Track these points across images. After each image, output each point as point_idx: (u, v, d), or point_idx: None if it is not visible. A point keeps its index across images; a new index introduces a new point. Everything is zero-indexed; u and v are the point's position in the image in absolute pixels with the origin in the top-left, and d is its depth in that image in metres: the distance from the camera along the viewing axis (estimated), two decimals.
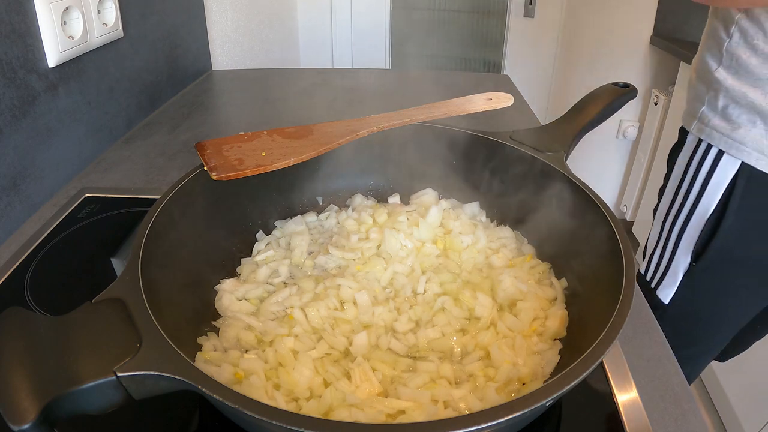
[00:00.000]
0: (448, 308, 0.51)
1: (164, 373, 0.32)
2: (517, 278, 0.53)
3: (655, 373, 0.49)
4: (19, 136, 0.67)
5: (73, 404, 0.31)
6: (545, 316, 0.50)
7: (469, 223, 0.61)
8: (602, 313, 0.39)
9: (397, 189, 0.67)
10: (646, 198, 2.19)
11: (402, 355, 0.47)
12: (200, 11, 1.21)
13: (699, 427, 0.44)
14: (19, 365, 0.31)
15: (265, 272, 0.56)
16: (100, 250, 0.64)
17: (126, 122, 0.94)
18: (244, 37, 1.54)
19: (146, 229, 0.44)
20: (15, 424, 0.28)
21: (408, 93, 1.18)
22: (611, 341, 0.35)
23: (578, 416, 0.44)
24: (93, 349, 0.33)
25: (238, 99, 1.16)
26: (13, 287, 0.57)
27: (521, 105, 1.08)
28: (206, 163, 0.51)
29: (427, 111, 0.59)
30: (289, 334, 0.47)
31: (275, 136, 0.55)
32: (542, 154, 0.58)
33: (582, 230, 0.51)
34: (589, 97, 0.67)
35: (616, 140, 2.29)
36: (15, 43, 0.65)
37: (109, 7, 0.83)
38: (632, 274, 0.41)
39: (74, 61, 0.77)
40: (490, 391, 0.42)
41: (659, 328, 0.55)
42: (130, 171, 0.82)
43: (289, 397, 0.42)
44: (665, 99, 2.03)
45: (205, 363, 0.44)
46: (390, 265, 0.55)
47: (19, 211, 0.69)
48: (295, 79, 1.28)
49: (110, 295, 0.37)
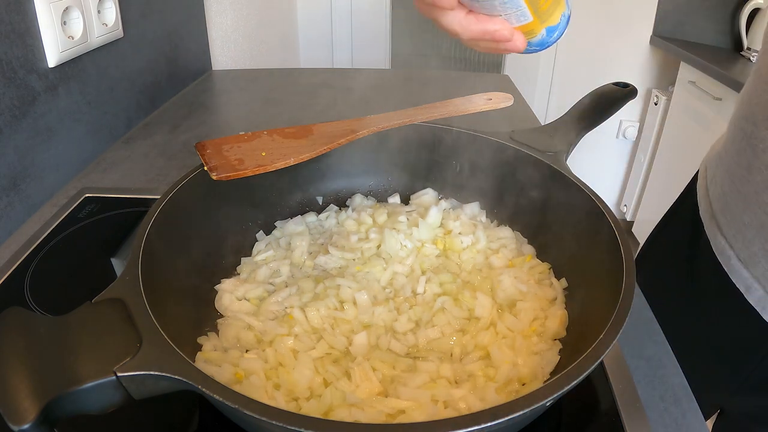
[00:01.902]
0: (448, 308, 0.51)
1: (164, 373, 0.32)
2: (516, 278, 0.53)
3: (655, 373, 0.49)
4: (19, 136, 0.67)
5: (73, 404, 0.31)
6: (545, 317, 0.50)
7: (469, 223, 0.61)
8: (602, 313, 0.39)
9: (397, 189, 0.67)
10: (646, 198, 2.19)
11: (402, 355, 0.47)
12: (200, 11, 1.21)
13: (699, 427, 0.44)
14: (19, 365, 0.31)
15: (265, 272, 0.56)
16: (100, 250, 0.64)
17: (126, 122, 0.94)
18: (244, 37, 1.54)
19: (146, 229, 0.44)
20: (15, 424, 0.28)
21: (408, 93, 1.18)
22: (611, 341, 0.35)
23: (578, 416, 0.44)
24: (93, 349, 0.33)
25: (238, 99, 1.16)
26: (13, 287, 0.57)
27: (521, 105, 1.08)
28: (206, 163, 0.51)
29: (427, 111, 0.59)
30: (289, 333, 0.47)
31: (275, 136, 0.55)
32: (542, 154, 0.58)
33: (582, 230, 0.51)
34: (589, 97, 0.67)
35: (616, 140, 2.29)
36: (15, 43, 0.65)
37: (109, 7, 0.83)
38: (632, 275, 0.41)
39: (74, 61, 0.77)
40: (490, 391, 0.42)
41: (659, 328, 0.55)
42: (130, 171, 0.82)
43: (289, 396, 0.42)
44: (665, 99, 2.03)
45: (205, 363, 0.44)
46: (390, 266, 0.55)
47: (19, 211, 0.69)
48: (295, 79, 1.28)
49: (110, 295, 0.37)
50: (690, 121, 1.86)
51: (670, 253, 0.73)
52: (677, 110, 1.95)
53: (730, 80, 1.58)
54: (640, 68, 2.13)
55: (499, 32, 0.35)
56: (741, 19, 1.80)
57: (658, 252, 0.77)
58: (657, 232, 0.79)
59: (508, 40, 0.36)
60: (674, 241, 0.73)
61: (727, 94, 1.63)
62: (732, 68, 1.70)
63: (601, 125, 0.67)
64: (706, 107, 1.76)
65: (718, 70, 1.64)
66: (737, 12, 1.84)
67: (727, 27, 1.91)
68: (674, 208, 0.76)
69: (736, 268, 0.56)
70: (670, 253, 0.73)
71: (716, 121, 1.70)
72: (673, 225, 0.75)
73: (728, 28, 1.90)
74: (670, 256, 0.73)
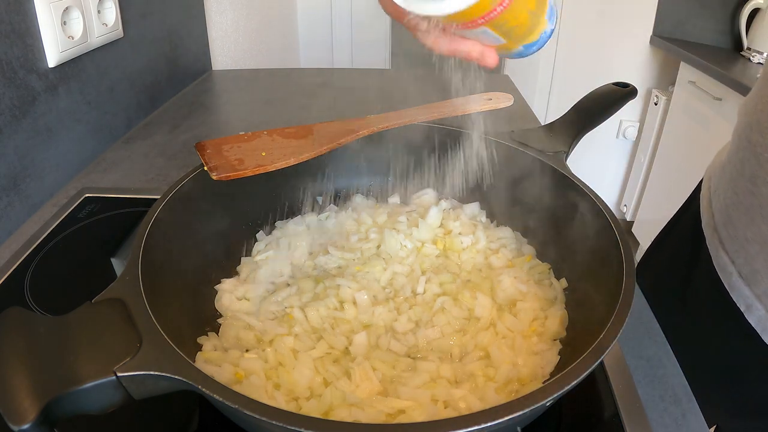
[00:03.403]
0: (448, 308, 0.51)
1: (164, 373, 0.32)
2: (516, 278, 0.53)
3: (655, 373, 0.49)
4: (19, 136, 0.67)
5: (73, 404, 0.31)
6: (545, 317, 0.50)
7: (468, 223, 0.61)
8: (602, 313, 0.39)
9: (397, 189, 0.67)
10: (646, 198, 2.19)
11: (402, 355, 0.47)
12: (200, 11, 1.21)
13: (699, 427, 0.44)
14: (19, 365, 0.31)
15: (265, 272, 0.56)
16: (100, 250, 0.64)
17: (126, 122, 0.94)
18: (244, 37, 1.54)
19: (146, 229, 0.44)
20: (15, 424, 0.28)
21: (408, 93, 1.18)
22: (611, 341, 0.35)
23: (578, 416, 0.44)
24: (93, 349, 0.33)
25: (238, 99, 1.16)
26: (13, 287, 0.57)
27: (521, 105, 1.08)
28: (206, 163, 0.51)
29: (427, 111, 0.59)
30: (289, 333, 0.47)
31: (275, 136, 0.55)
32: (542, 154, 0.58)
33: (582, 230, 0.51)
34: (589, 97, 0.67)
35: (616, 140, 2.29)
36: (15, 43, 0.65)
37: (109, 7, 0.83)
38: (632, 274, 0.41)
39: (74, 61, 0.77)
40: (489, 391, 0.42)
41: (659, 328, 0.55)
42: (130, 171, 0.82)
43: (289, 396, 0.42)
44: (665, 99, 2.03)
45: (205, 363, 0.44)
46: (390, 266, 0.55)
47: (19, 211, 0.69)
48: (295, 79, 1.28)
49: (110, 295, 0.37)
50: (690, 121, 1.86)
51: (669, 267, 0.71)
52: (677, 110, 1.95)
53: (730, 80, 1.58)
54: (640, 68, 2.13)
55: (469, 53, 0.36)
56: (741, 19, 1.80)
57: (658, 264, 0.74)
58: (657, 243, 0.76)
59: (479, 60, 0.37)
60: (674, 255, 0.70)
61: (727, 94, 1.63)
62: (732, 68, 1.70)
63: (601, 125, 0.67)
64: (706, 107, 1.76)
65: (718, 70, 1.64)
66: (737, 12, 1.84)
67: (727, 27, 1.90)
68: (676, 219, 0.73)
69: (737, 286, 0.53)
70: (670, 266, 0.71)
71: (716, 121, 1.70)
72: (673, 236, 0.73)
73: (728, 28, 1.90)
74: (669, 269, 0.71)
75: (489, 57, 0.37)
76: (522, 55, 0.39)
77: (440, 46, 0.37)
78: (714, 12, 1.91)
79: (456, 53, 0.37)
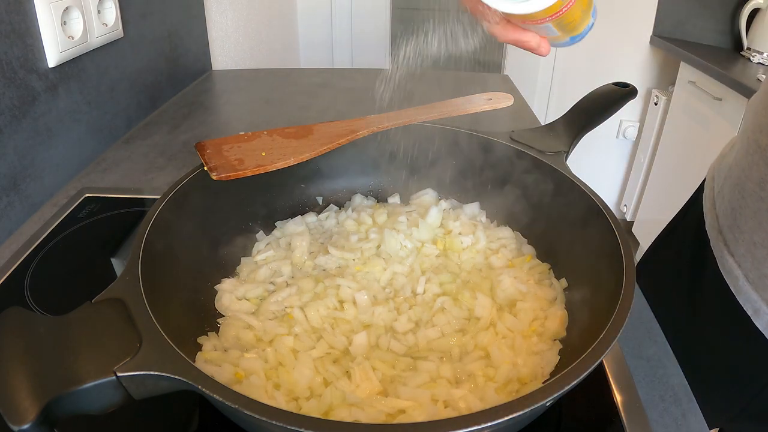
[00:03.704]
0: (448, 308, 0.51)
1: (164, 373, 0.32)
2: (516, 278, 0.53)
3: (655, 373, 0.49)
4: (19, 136, 0.67)
5: (73, 404, 0.31)
6: (545, 317, 0.50)
7: (468, 223, 0.61)
8: (602, 313, 0.39)
9: (397, 189, 0.67)
10: (646, 198, 2.19)
11: (402, 354, 0.47)
12: (200, 11, 1.21)
13: (699, 427, 0.44)
14: (19, 365, 0.31)
15: (265, 272, 0.56)
16: (100, 250, 0.64)
17: (126, 122, 0.94)
18: (244, 37, 1.54)
19: (146, 229, 0.44)
20: (15, 424, 0.28)
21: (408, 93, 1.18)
22: (611, 341, 0.35)
23: (578, 416, 0.44)
24: (93, 349, 0.33)
25: (238, 99, 1.16)
26: (13, 287, 0.57)
27: (521, 105, 1.08)
28: (206, 163, 0.51)
29: (427, 111, 0.59)
30: (289, 333, 0.47)
31: (275, 136, 0.55)
32: (542, 154, 0.58)
33: (582, 230, 0.51)
34: (589, 97, 0.67)
35: (616, 140, 2.29)
36: (15, 43, 0.65)
37: (109, 7, 0.83)
38: (632, 274, 0.41)
39: (74, 61, 0.77)
40: (490, 391, 0.42)
41: (659, 328, 0.55)
42: (130, 171, 0.82)
43: (289, 396, 0.42)
44: (665, 99, 2.03)
45: (205, 363, 0.44)
46: (390, 266, 0.55)
47: (19, 211, 0.69)
48: (295, 79, 1.28)
49: (110, 295, 0.37)
50: (690, 121, 1.86)
51: (671, 268, 0.70)
52: (677, 110, 1.95)
53: (730, 80, 1.58)
54: (640, 68, 2.13)
55: (529, 43, 0.42)
56: (741, 19, 1.80)
57: (659, 265, 0.74)
58: (658, 242, 0.76)
59: (535, 49, 0.43)
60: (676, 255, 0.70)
61: (727, 95, 1.63)
62: (732, 68, 1.70)
63: (601, 125, 0.67)
64: (706, 107, 1.76)
65: (718, 70, 1.64)
66: (737, 12, 1.84)
67: (727, 27, 1.91)
68: (678, 219, 0.73)
69: (744, 290, 0.52)
70: (672, 267, 0.70)
71: (716, 121, 1.70)
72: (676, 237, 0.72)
73: (728, 28, 1.90)
74: (671, 270, 0.70)
75: (544, 47, 0.43)
76: (567, 44, 0.44)
77: (505, 35, 0.42)
78: (714, 12, 1.91)
79: (517, 42, 0.42)
